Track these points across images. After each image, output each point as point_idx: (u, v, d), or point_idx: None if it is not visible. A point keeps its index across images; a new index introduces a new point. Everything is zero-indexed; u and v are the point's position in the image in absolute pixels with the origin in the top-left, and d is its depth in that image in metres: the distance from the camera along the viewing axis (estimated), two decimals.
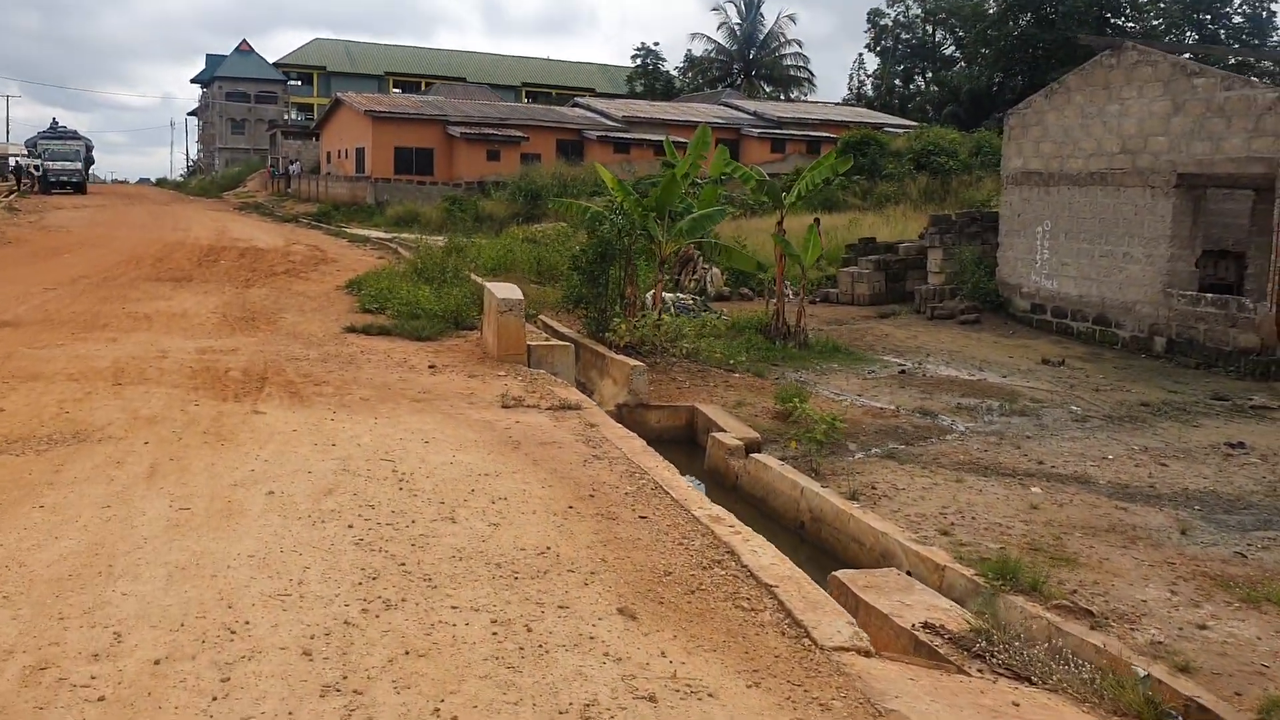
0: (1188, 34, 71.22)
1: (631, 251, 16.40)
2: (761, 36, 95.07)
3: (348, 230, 40.27)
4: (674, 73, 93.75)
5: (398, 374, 12.82)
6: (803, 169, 19.06)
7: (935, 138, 47.86)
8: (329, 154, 62.90)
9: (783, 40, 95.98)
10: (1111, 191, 20.83)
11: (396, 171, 52.57)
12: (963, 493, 10.16)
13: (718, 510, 8.16)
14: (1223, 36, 69.66)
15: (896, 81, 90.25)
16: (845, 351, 19.43)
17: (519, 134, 54.65)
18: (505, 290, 13.21)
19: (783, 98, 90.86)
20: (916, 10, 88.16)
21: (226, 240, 32.57)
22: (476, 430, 10.19)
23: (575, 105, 65.57)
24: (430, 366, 13.11)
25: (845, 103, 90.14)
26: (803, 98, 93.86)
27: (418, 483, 8.51)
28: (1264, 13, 69.70)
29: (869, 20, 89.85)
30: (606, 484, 8.78)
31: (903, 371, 17.71)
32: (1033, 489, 10.37)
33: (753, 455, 11.31)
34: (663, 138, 58.26)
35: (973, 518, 9.33)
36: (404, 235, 36.73)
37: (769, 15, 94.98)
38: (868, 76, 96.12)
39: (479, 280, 19.82)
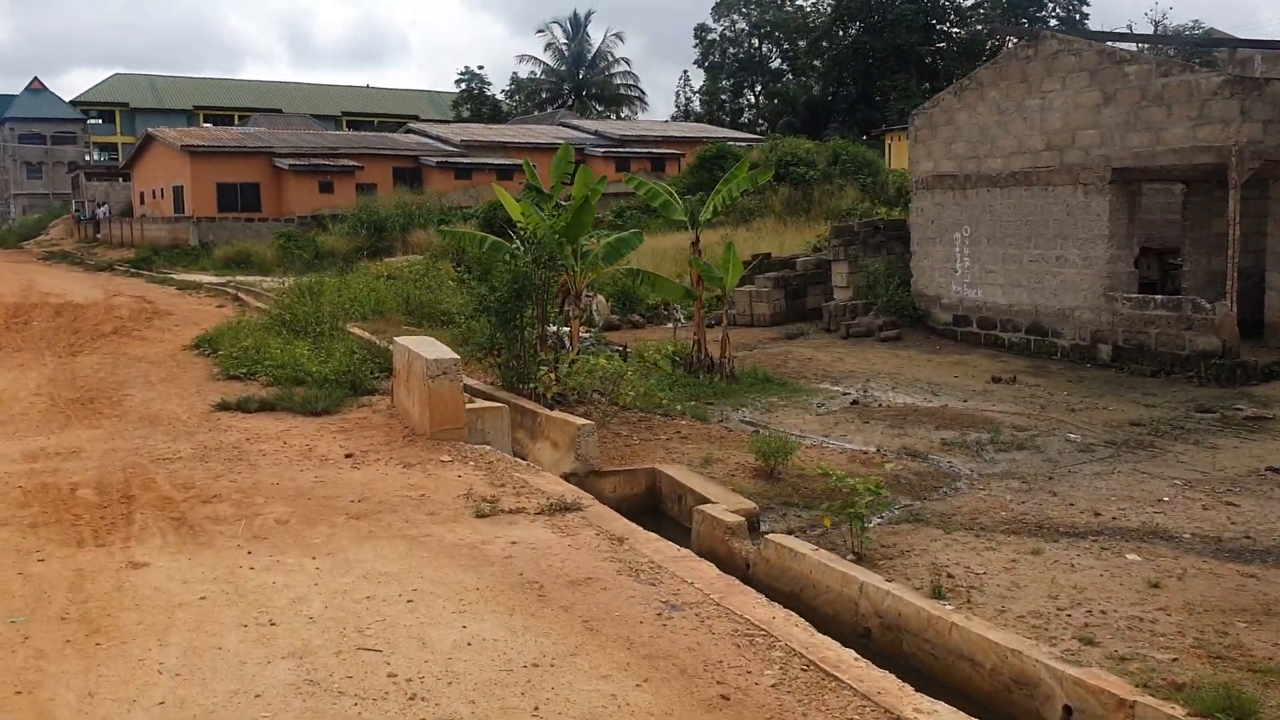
0: (1009, 40, 72.92)
1: (548, 286, 13.87)
2: (590, 56, 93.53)
3: (173, 276, 36.06)
4: (500, 96, 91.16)
5: (311, 472, 9.65)
6: (657, 189, 16.96)
7: (791, 148, 46.76)
8: (142, 194, 57.69)
9: (611, 59, 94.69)
10: (1038, 191, 19.42)
11: (220, 209, 48.27)
12: (1054, 570, 8.05)
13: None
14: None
15: (724, 96, 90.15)
16: (778, 382, 17.35)
17: (353, 163, 51.09)
18: (431, 348, 10.38)
19: (614, 117, 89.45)
20: (743, 25, 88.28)
21: (35, 295, 28.16)
22: (467, 566, 7.13)
23: (409, 131, 62.23)
24: (348, 455, 10.04)
25: (674, 119, 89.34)
26: (633, 116, 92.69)
27: (439, 698, 5.31)
28: (1077, 15, 71.94)
29: (696, 35, 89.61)
30: (726, 665, 5.80)
31: (855, 403, 15.72)
32: (1128, 555, 8.35)
33: (769, 537, 8.94)
34: (504, 161, 56.06)
35: (1101, 611, 7.21)
36: (240, 278, 33.01)
37: (595, 35, 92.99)
38: (694, 92, 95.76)
39: (361, 332, 16.89)
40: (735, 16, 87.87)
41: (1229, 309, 16.60)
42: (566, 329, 15.60)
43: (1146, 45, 18.25)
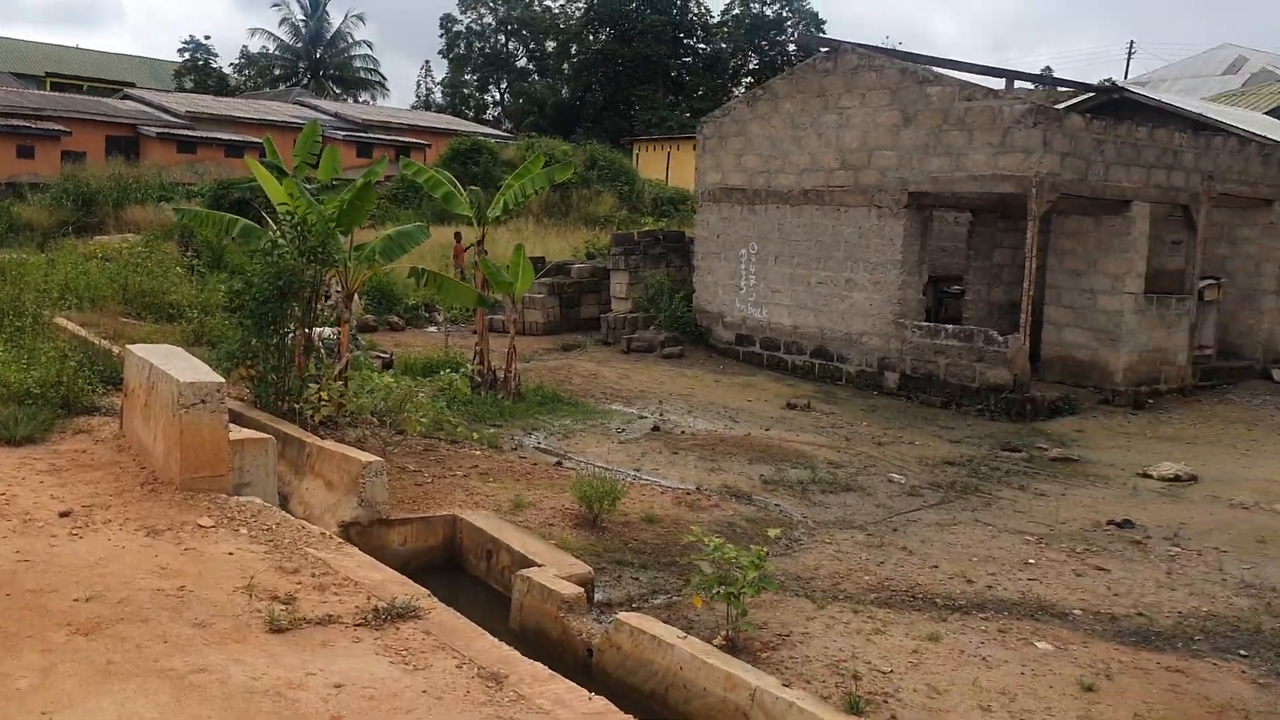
0: (750, 58, 74.91)
1: (319, 284, 11.60)
2: (329, 36, 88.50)
3: None
4: (229, 70, 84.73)
5: (10, 542, 6.75)
6: (439, 177, 15.08)
7: (549, 149, 45.28)
8: None
9: (352, 40, 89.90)
10: (830, 211, 18.76)
11: None
12: (968, 667, 6.85)
13: None
14: (779, 62, 73.89)
15: (467, 91, 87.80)
16: (568, 402, 15.77)
17: (58, 128, 45.29)
18: (182, 365, 7.83)
19: (353, 100, 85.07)
20: (490, 20, 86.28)
21: None
22: None
23: (127, 98, 56.23)
24: (65, 514, 7.20)
25: (414, 109, 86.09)
26: (373, 101, 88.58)
27: None
28: (806, 46, 74.56)
29: (442, 26, 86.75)
30: None
31: (656, 429, 14.35)
32: (1038, 644, 7.28)
33: (621, 617, 7.28)
34: (235, 137, 51.61)
35: None
36: None
37: (335, 15, 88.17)
38: (436, 84, 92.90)
39: (73, 327, 13.86)
40: (483, 10, 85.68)
41: (1021, 342, 16.41)
42: (330, 333, 13.36)
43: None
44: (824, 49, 18.87)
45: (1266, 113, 26.60)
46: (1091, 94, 23.70)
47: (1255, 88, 35.64)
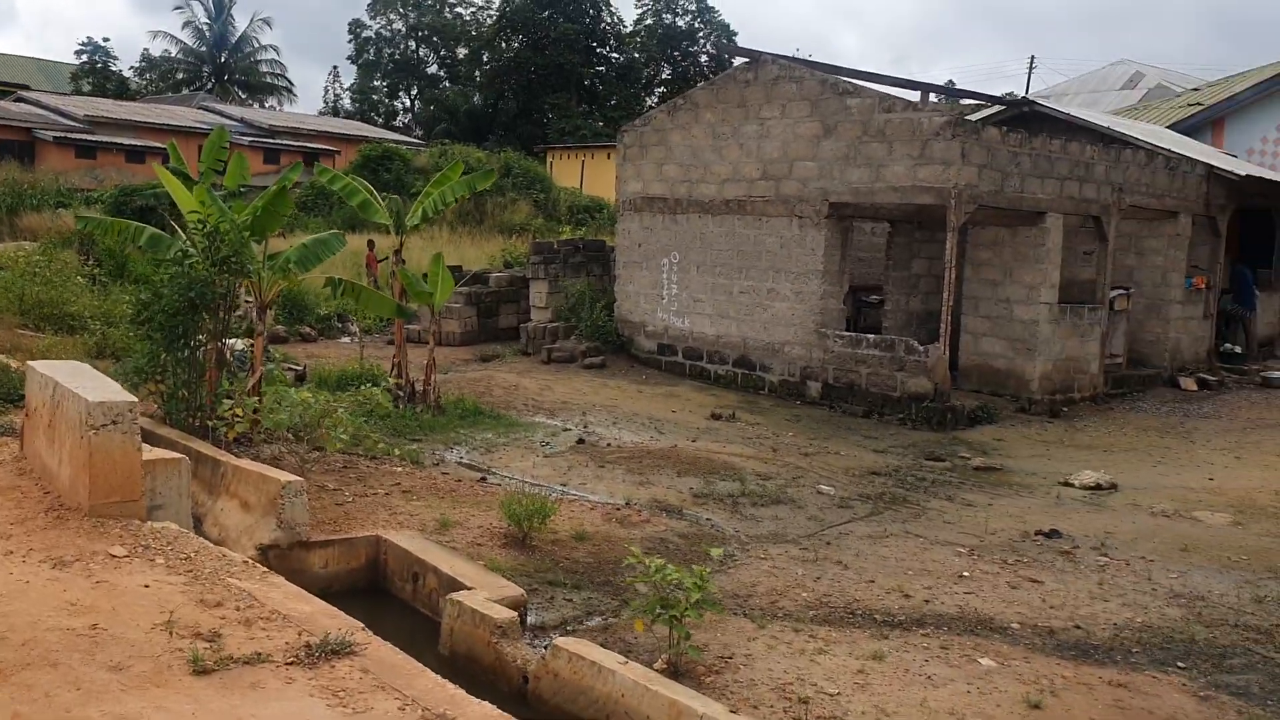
0: (663, 68, 75.23)
1: (231, 296, 11.12)
2: (234, 40, 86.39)
3: None
4: (129, 73, 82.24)
5: None
6: (355, 184, 14.65)
7: (462, 156, 44.71)
8: None
9: (258, 45, 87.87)
10: (752, 221, 18.74)
11: None
12: (913, 686, 6.74)
13: None
14: (692, 72, 74.33)
15: (375, 97, 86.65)
16: (489, 414, 15.43)
17: None
18: (90, 382, 7.26)
19: (259, 106, 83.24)
20: (400, 25, 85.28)
21: None
22: None
23: (21, 100, 54.12)
24: None
25: (322, 115, 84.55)
26: (279, 107, 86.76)
27: None
28: (726, 55, 75.02)
29: (350, 31, 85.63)
30: None
31: (581, 441, 14.12)
32: (981, 661, 7.21)
33: (559, 643, 7.01)
34: (136, 142, 50.02)
35: None
36: None
37: (240, 19, 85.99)
38: (344, 90, 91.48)
39: None
40: (392, 16, 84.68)
41: (941, 352, 16.54)
42: (241, 346, 12.85)
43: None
44: (744, 59, 18.82)
45: (1168, 127, 27.36)
46: (1003, 107, 24.11)
47: (1153, 102, 36.75)
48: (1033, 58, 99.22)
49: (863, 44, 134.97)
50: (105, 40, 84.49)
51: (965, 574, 9.30)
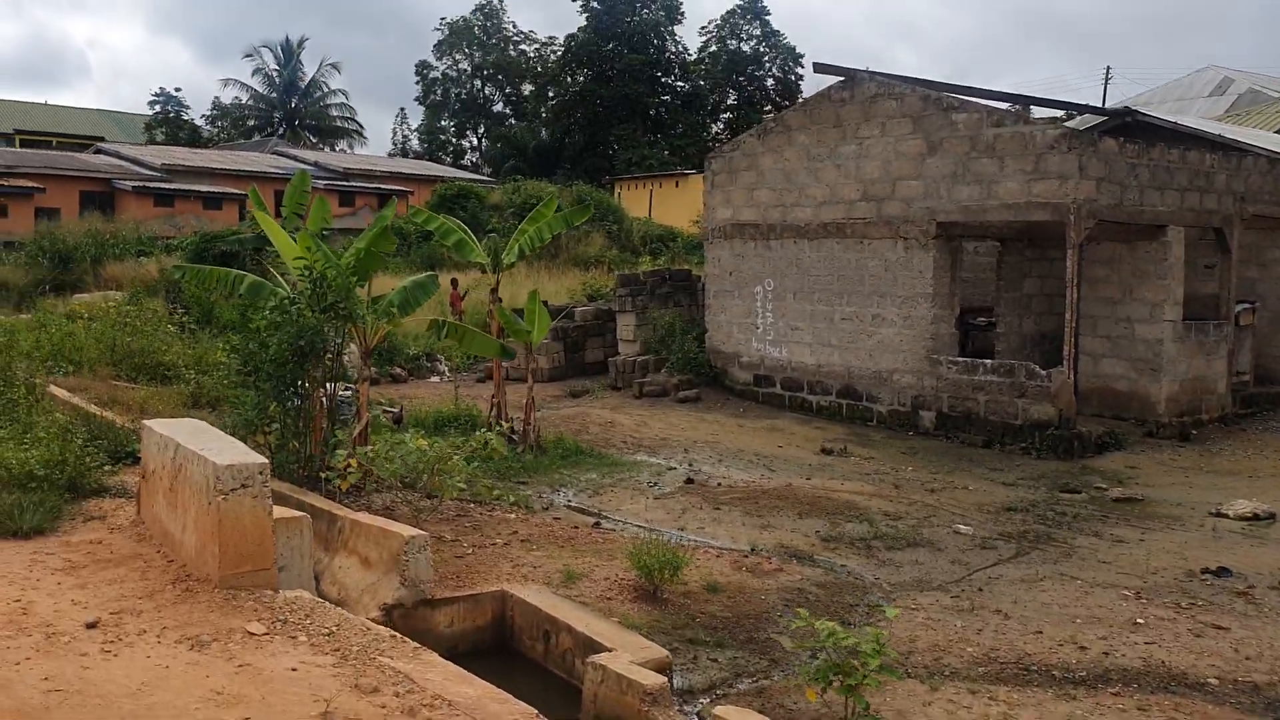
0: (729, 94, 74.82)
1: (340, 342, 10.70)
2: (304, 85, 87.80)
3: None
4: (200, 122, 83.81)
5: (36, 665, 5.51)
6: (450, 225, 14.19)
7: (536, 191, 44.58)
8: None
9: (326, 89, 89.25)
10: (853, 244, 18.01)
11: None
12: None
13: None
14: (758, 97, 73.85)
15: (443, 137, 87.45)
16: (590, 454, 14.88)
17: (32, 185, 44.21)
18: (215, 444, 6.86)
19: (330, 149, 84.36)
20: (465, 65, 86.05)
21: None
22: None
23: (99, 152, 55.25)
24: (91, 625, 6.05)
25: (391, 156, 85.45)
26: (349, 150, 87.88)
27: None
28: (793, 76, 74.59)
29: (417, 73, 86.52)
30: None
31: (689, 481, 13.47)
32: None
33: (718, 712, 6.36)
34: (212, 189, 50.67)
35: None
36: None
37: (309, 64, 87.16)
38: (412, 131, 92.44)
39: (66, 396, 12.84)
40: (458, 56, 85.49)
41: (1066, 376, 15.63)
42: (345, 392, 12.41)
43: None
44: (839, 78, 18.16)
45: (1276, 132, 26.13)
46: (1105, 118, 23.15)
47: (1247, 107, 35.33)
48: (1108, 68, 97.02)
49: (920, 60, 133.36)
50: (177, 90, 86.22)
51: (1139, 620, 8.46)
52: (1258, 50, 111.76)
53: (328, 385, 10.75)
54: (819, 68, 17.96)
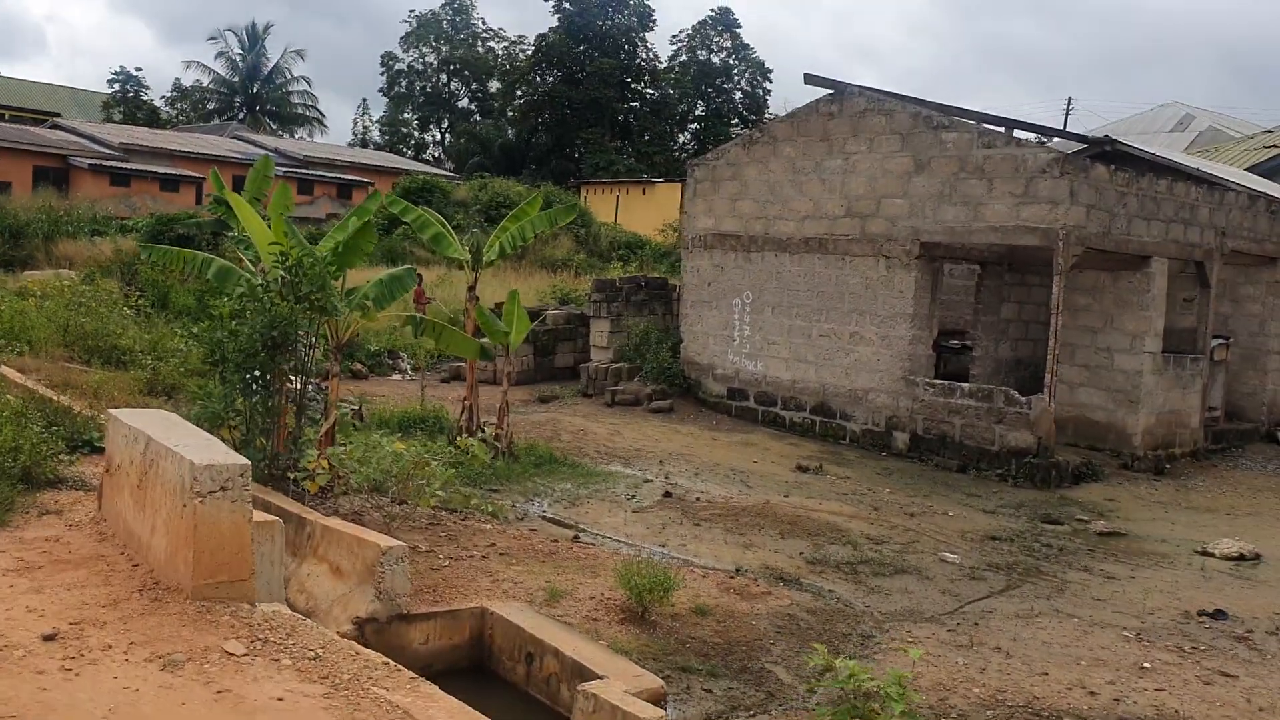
0: (697, 104, 74.65)
1: (315, 335, 10.18)
2: (267, 71, 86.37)
3: None
4: (160, 103, 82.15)
5: None
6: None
7: (503, 189, 44.04)
8: None
9: (290, 76, 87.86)
10: (834, 261, 17.73)
11: None
12: None
13: None
14: (725, 109, 73.79)
15: (405, 130, 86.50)
16: (564, 462, 14.43)
17: None
18: (191, 439, 6.32)
19: (290, 136, 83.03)
20: (432, 59, 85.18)
21: None
22: None
23: (56, 128, 53.83)
24: (49, 638, 5.42)
25: (351, 147, 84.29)
26: (309, 138, 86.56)
27: None
28: (760, 90, 74.71)
29: (383, 64, 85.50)
30: None
31: (667, 494, 13.07)
32: None
33: None
34: (171, 170, 49.54)
35: None
36: None
37: (274, 50, 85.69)
38: (374, 122, 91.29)
39: (18, 378, 12.16)
40: (425, 49, 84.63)
41: (1046, 403, 15.44)
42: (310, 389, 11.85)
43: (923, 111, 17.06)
44: (828, 90, 17.89)
45: (1245, 169, 26.32)
46: (1084, 145, 23.10)
47: (1206, 146, 35.68)
48: (1070, 99, 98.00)
49: (881, 86, 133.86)
50: (138, 70, 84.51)
51: (1145, 665, 8.19)
52: (1210, 89, 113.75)
53: (295, 380, 10.22)
54: (809, 79, 17.67)
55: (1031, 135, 25.95)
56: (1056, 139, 24.78)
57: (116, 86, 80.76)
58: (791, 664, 7.94)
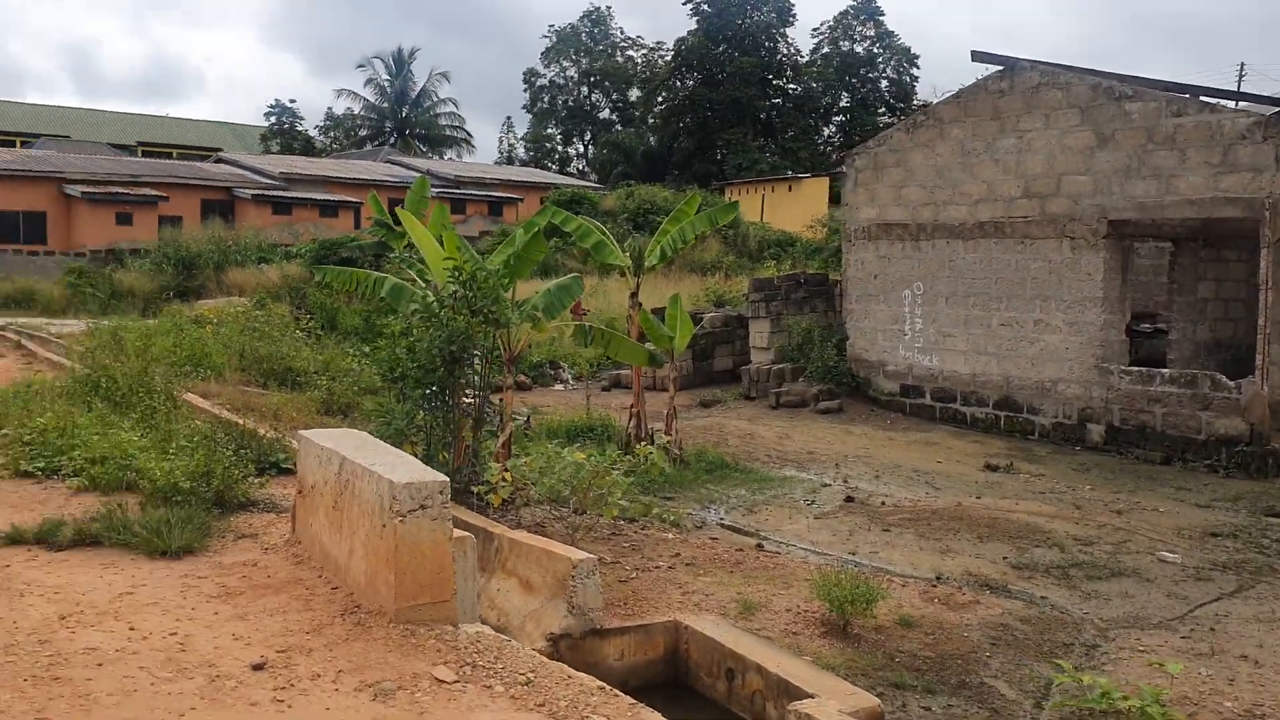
0: (841, 96, 73.22)
1: (493, 348, 10.00)
2: (414, 95, 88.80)
3: None
4: (314, 132, 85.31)
5: (205, 716, 4.81)
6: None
7: (649, 196, 43.93)
8: None
9: (436, 99, 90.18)
10: (1012, 245, 16.78)
11: None
12: None
13: None
14: (872, 99, 72.16)
15: (549, 144, 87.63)
16: (735, 468, 13.97)
17: (156, 193, 45.12)
18: (386, 458, 6.29)
19: (439, 158, 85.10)
20: (572, 72, 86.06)
21: None
22: None
23: (220, 161, 56.35)
24: (257, 667, 5.29)
25: (497, 163, 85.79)
26: (458, 158, 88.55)
27: None
28: (907, 77, 72.87)
29: (525, 80, 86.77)
30: None
31: (849, 499, 12.46)
32: None
33: None
34: (328, 196, 51.16)
35: None
36: (22, 320, 27.25)
37: (419, 74, 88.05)
38: (519, 139, 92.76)
39: (202, 403, 12.43)
40: (565, 63, 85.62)
41: (1259, 387, 14.20)
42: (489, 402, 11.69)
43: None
44: (997, 68, 16.95)
45: None
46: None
47: None
48: (1242, 64, 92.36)
49: None
50: (291, 102, 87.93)
51: None
52: None
53: (472, 393, 10.04)
54: (977, 55, 16.79)
55: (1227, 102, 24.27)
56: (1242, 104, 23.04)
57: (273, 119, 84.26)
58: (1013, 678, 7.29)
